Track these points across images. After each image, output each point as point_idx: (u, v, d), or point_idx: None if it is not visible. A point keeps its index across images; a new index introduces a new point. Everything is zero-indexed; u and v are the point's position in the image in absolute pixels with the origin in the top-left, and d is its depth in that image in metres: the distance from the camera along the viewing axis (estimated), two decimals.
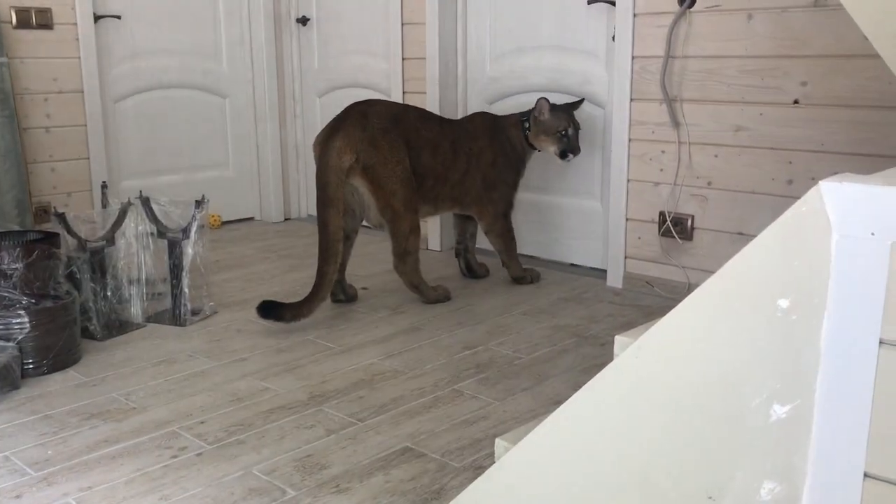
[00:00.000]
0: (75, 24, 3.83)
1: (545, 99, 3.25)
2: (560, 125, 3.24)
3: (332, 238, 2.96)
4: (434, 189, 3.18)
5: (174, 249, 2.97)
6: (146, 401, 2.33)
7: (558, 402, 1.34)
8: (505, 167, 3.33)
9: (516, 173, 3.38)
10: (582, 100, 3.39)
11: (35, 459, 2.00)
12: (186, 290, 2.98)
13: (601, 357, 2.63)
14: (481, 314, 3.07)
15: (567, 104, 3.33)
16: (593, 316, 3.05)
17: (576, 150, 3.28)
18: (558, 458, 1.31)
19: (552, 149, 3.27)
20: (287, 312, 2.87)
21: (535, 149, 3.35)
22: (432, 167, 3.15)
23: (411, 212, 3.06)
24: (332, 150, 2.95)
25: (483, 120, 3.35)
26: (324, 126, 3.11)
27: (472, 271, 3.55)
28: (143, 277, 3.00)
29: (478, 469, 1.93)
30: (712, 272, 1.12)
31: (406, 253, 3.09)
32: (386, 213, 3.04)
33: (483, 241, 3.52)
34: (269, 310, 2.85)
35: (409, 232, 3.06)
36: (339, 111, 3.11)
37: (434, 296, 3.20)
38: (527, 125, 3.30)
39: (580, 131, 3.32)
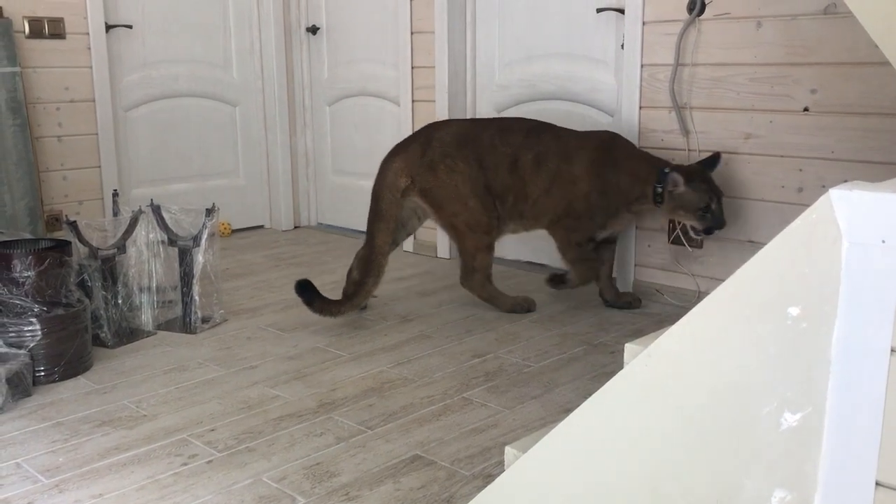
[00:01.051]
0: (87, 33, 3.86)
1: (676, 172, 2.85)
2: (701, 202, 2.85)
3: (378, 252, 3.01)
4: (517, 206, 3.08)
5: (185, 257, 2.98)
6: (157, 408, 2.34)
7: (568, 411, 1.34)
8: (600, 208, 3.02)
9: (610, 217, 3.05)
10: (718, 155, 2.94)
11: (46, 466, 2.01)
12: (197, 297, 2.99)
13: (611, 365, 2.63)
14: (490, 322, 3.07)
15: (702, 167, 2.90)
16: (603, 324, 3.05)
17: (721, 225, 2.89)
18: (568, 466, 1.31)
19: (694, 225, 2.93)
20: (317, 302, 2.93)
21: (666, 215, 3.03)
22: (511, 184, 3.04)
23: (477, 231, 3.04)
24: (391, 170, 3.05)
25: (596, 146, 3.03)
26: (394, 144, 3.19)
27: (609, 296, 3.23)
28: (154, 285, 3.01)
29: (487, 477, 1.92)
30: (722, 280, 1.12)
31: (472, 270, 3.10)
32: (449, 232, 3.10)
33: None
34: (305, 290, 2.91)
35: (474, 251, 3.07)
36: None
37: (511, 304, 3.16)
38: (658, 189, 2.91)
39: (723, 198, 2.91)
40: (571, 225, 3.06)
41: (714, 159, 2.93)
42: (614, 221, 3.08)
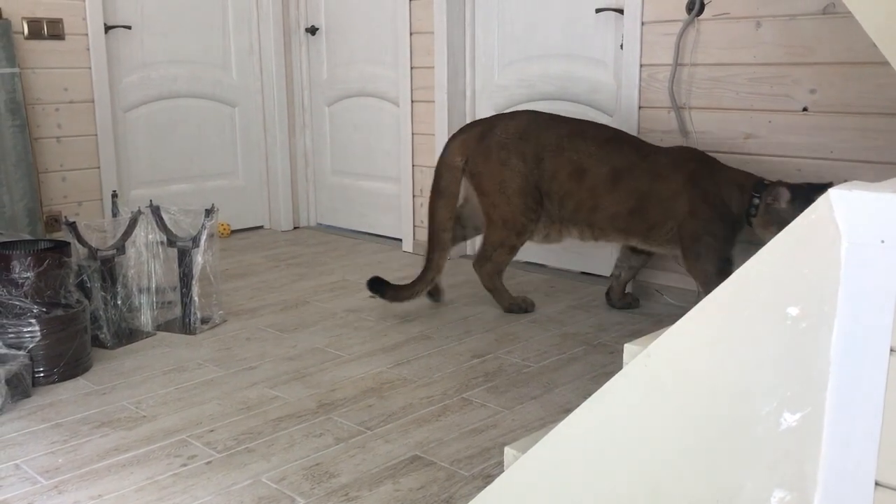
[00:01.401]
0: (86, 34, 3.86)
1: (786, 187, 2.66)
2: None
3: (439, 227, 3.10)
4: (576, 214, 2.95)
5: (184, 258, 2.98)
6: (156, 409, 2.34)
7: (567, 411, 1.34)
8: (711, 221, 2.81)
9: (730, 229, 2.83)
10: (830, 184, 2.43)
11: (46, 468, 2.01)
12: (196, 298, 2.98)
13: (610, 365, 2.63)
14: (490, 322, 3.07)
15: (810, 189, 2.64)
16: (602, 324, 3.05)
17: None
18: (567, 466, 1.30)
19: None
20: (389, 291, 3.10)
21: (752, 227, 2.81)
22: (571, 190, 2.93)
23: (509, 229, 3.02)
24: (450, 148, 3.11)
25: (683, 161, 2.86)
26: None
27: (615, 298, 3.22)
28: (153, 286, 3.01)
29: (487, 478, 1.92)
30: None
31: (486, 259, 3.12)
32: (484, 216, 3.10)
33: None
34: (376, 285, 3.10)
35: (498, 245, 3.07)
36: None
37: (510, 304, 3.17)
38: (755, 201, 2.75)
39: None
40: (701, 252, 2.82)
41: (824, 186, 2.50)
42: (738, 234, 2.84)
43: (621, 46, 3.31)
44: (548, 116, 3.06)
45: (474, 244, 3.74)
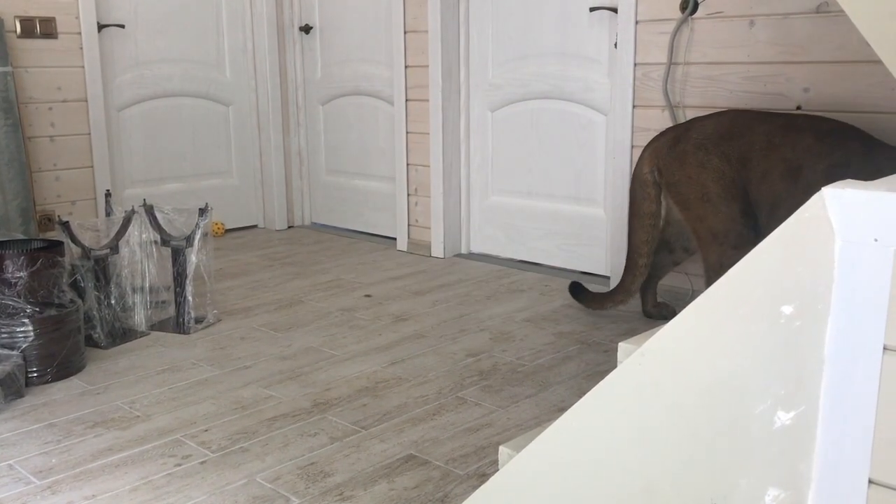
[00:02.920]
0: (79, 33, 3.85)
1: None
2: None
3: (633, 251, 2.86)
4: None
5: (178, 257, 2.98)
6: (150, 409, 2.34)
7: (562, 410, 1.34)
8: None
9: None
10: None
11: (39, 468, 2.00)
12: (190, 298, 2.98)
13: (605, 364, 2.63)
14: (484, 321, 3.07)
15: None
16: (597, 322, 3.05)
17: None
18: (562, 465, 1.31)
19: None
20: (585, 298, 3.12)
21: None
22: (785, 196, 2.45)
23: (724, 243, 2.56)
24: (640, 160, 2.78)
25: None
26: None
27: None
28: (147, 285, 3.01)
29: (482, 477, 1.92)
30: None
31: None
32: (694, 239, 2.70)
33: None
34: (577, 291, 3.13)
35: (718, 267, 2.56)
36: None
37: None
38: None
39: None
40: None
41: None
42: None
43: (615, 45, 3.31)
44: (754, 113, 2.65)
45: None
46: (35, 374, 2.49)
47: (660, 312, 3.06)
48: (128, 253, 2.94)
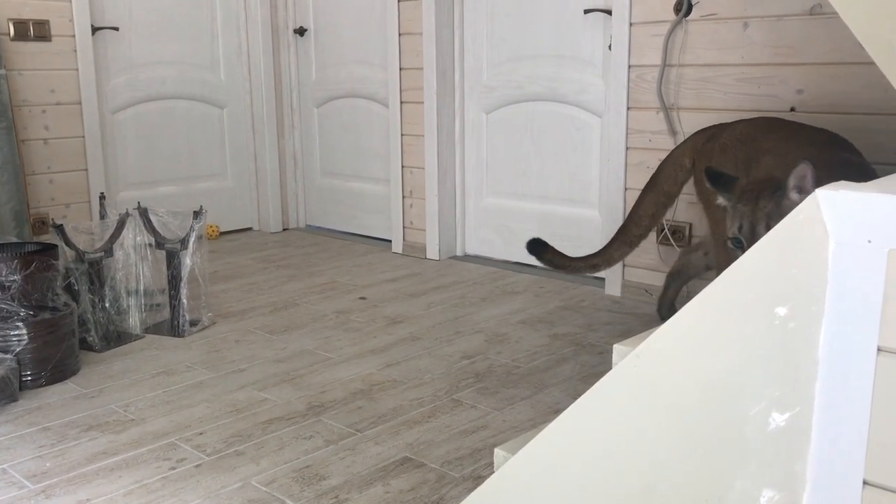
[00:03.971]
0: (73, 35, 3.84)
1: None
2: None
3: (631, 221, 2.84)
4: None
5: (172, 260, 2.97)
6: (145, 412, 2.33)
7: (557, 411, 1.34)
8: None
9: None
10: None
11: (33, 472, 1.99)
12: (185, 300, 2.97)
13: (600, 366, 2.63)
14: (479, 323, 3.07)
15: None
16: (592, 324, 3.05)
17: None
18: (558, 467, 1.31)
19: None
20: (548, 255, 2.90)
21: None
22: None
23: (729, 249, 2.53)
24: (678, 148, 2.81)
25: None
26: None
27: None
28: (142, 288, 3.00)
29: (477, 479, 1.92)
30: (710, 280, 1.12)
31: None
32: (711, 238, 2.71)
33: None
34: (537, 249, 2.89)
35: (726, 266, 2.56)
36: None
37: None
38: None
39: None
40: None
41: None
42: None
43: (609, 47, 3.32)
44: (775, 120, 2.64)
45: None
46: (29, 378, 2.48)
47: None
48: (122, 256, 2.94)
